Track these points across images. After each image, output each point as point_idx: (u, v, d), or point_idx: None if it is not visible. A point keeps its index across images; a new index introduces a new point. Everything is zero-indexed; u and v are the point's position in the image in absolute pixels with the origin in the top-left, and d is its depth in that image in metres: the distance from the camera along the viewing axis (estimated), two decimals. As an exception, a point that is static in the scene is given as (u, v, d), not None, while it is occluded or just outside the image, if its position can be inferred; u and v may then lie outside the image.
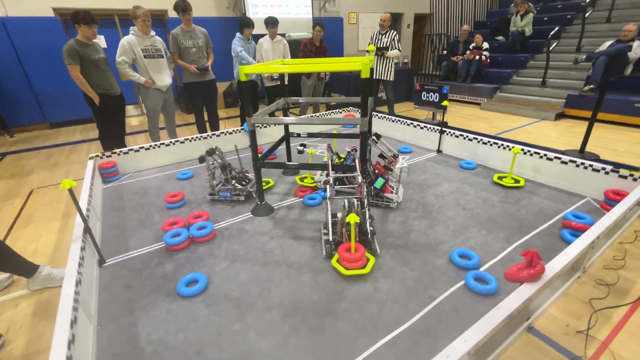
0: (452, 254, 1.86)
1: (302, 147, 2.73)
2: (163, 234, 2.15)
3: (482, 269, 1.77)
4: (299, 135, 3.14)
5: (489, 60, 6.48)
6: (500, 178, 2.76)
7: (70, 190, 1.68)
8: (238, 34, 4.22)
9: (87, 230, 1.84)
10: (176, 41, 3.70)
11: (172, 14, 6.00)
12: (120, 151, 3.26)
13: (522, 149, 2.77)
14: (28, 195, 3.07)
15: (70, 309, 1.27)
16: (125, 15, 6.11)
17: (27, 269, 1.76)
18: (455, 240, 2.02)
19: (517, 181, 2.70)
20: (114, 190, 2.94)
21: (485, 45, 6.38)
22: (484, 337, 1.07)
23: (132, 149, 3.31)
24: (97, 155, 3.14)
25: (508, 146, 2.93)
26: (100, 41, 3.64)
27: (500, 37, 7.22)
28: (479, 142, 3.19)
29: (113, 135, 3.61)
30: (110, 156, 3.20)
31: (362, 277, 1.74)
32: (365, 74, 1.88)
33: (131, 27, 3.44)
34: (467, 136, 3.30)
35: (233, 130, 3.82)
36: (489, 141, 3.10)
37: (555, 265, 1.35)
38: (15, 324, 1.61)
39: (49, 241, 2.30)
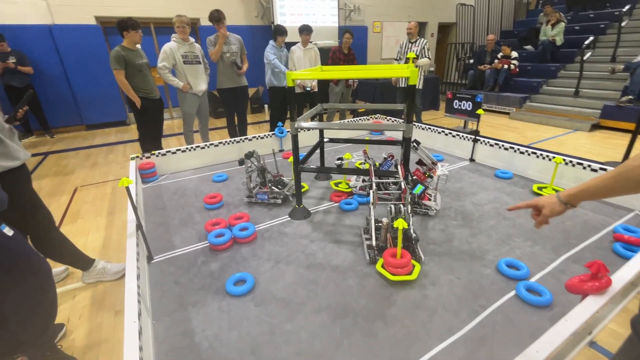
0: (499, 263, 1.83)
1: (340, 161, 2.77)
2: (206, 233, 2.21)
3: (532, 280, 1.73)
4: (332, 140, 3.18)
5: (517, 70, 6.39)
6: (540, 189, 2.70)
7: (128, 189, 1.76)
8: (271, 42, 4.34)
9: (139, 227, 1.91)
10: (212, 47, 3.84)
11: (204, 22, 6.23)
12: (159, 153, 3.37)
13: (564, 159, 2.71)
14: (73, 192, 3.21)
15: (136, 302, 1.32)
16: (160, 24, 6.38)
17: (84, 262, 1.84)
18: (501, 250, 1.99)
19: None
20: (153, 190, 3.04)
21: (514, 54, 6.30)
22: (555, 348, 1.05)
23: (169, 151, 3.42)
24: (137, 156, 3.26)
25: (548, 156, 2.87)
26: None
27: (528, 47, 7.12)
28: (515, 151, 3.14)
29: (151, 137, 3.75)
30: (149, 157, 3.32)
31: (409, 284, 1.73)
32: (413, 81, 1.89)
33: (173, 34, 3.59)
34: (502, 145, 3.25)
35: (265, 135, 3.90)
36: (526, 150, 3.05)
37: (621, 278, 1.31)
38: (74, 314, 1.68)
39: (97, 237, 2.40)
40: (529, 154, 3.03)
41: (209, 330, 1.50)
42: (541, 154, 2.94)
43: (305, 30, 4.32)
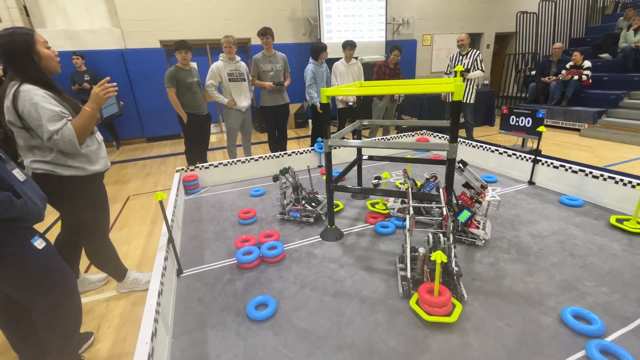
0: (563, 312, 1.51)
1: (376, 181, 2.60)
2: (235, 250, 2.18)
3: (608, 338, 1.39)
4: (371, 158, 3.03)
5: (590, 81, 5.66)
6: (620, 221, 2.26)
7: (161, 203, 1.80)
8: (311, 60, 4.37)
9: (170, 240, 1.94)
10: (256, 65, 3.98)
11: (255, 41, 6.57)
12: (202, 166, 3.51)
13: (653, 187, 2.24)
14: (125, 201, 3.46)
15: (152, 321, 1.30)
16: (215, 44, 6.86)
17: (120, 272, 1.92)
18: (566, 295, 1.66)
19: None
20: (194, 202, 3.14)
21: (587, 63, 5.61)
22: None
23: (212, 164, 3.54)
24: (182, 169, 3.43)
25: (630, 182, 2.41)
26: (195, 67, 4.16)
27: (605, 55, 6.31)
28: (586, 174, 2.70)
29: (197, 151, 3.94)
30: (193, 170, 3.47)
31: (447, 327, 1.50)
32: (458, 97, 1.70)
33: (220, 54, 3.79)
34: (570, 167, 2.82)
35: (304, 150, 3.88)
36: (601, 174, 2.60)
37: None
38: (104, 324, 1.74)
39: (138, 245, 2.52)
40: (604, 179, 2.58)
41: (224, 357, 1.42)
42: (621, 180, 2.47)
43: (349, 46, 4.29)
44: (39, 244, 1.21)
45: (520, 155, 3.26)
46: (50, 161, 1.64)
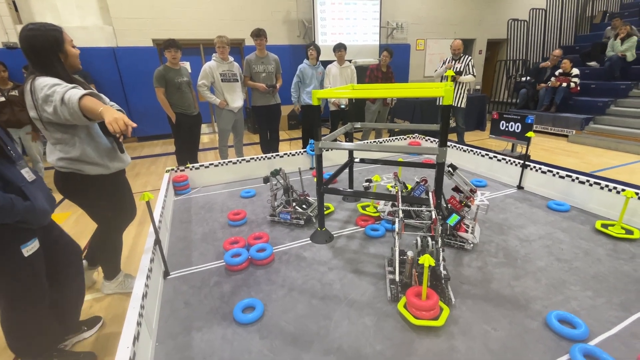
0: (549, 317, 1.52)
1: (367, 183, 2.61)
2: (224, 252, 2.16)
3: (592, 342, 1.41)
4: (362, 160, 3.04)
5: (579, 88, 5.78)
6: (605, 226, 2.30)
7: (148, 203, 1.77)
8: (305, 60, 4.38)
9: (157, 242, 1.91)
10: (249, 66, 3.96)
11: (248, 42, 6.55)
12: (193, 166, 3.47)
13: (637, 194, 2.29)
14: (113, 201, 3.40)
15: (135, 324, 1.27)
16: (208, 44, 6.82)
17: (115, 270, 1.88)
18: (552, 300, 1.67)
19: (629, 232, 2.22)
20: (183, 203, 3.10)
21: (575, 71, 5.72)
22: None
23: (202, 165, 3.51)
24: (172, 169, 3.38)
25: (615, 188, 2.45)
26: (186, 67, 4.12)
27: (592, 63, 6.45)
28: (573, 180, 2.74)
29: (187, 151, 3.90)
30: (183, 170, 3.43)
31: (434, 330, 1.50)
32: (447, 101, 1.71)
33: (213, 54, 3.76)
34: (557, 172, 2.86)
35: (296, 152, 3.86)
36: (587, 180, 2.64)
37: None
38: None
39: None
40: (590, 184, 2.62)
41: (209, 361, 1.40)
42: (606, 185, 2.52)
43: (338, 48, 4.30)
44: (27, 250, 1.17)
45: (509, 160, 3.30)
46: (75, 158, 1.64)
